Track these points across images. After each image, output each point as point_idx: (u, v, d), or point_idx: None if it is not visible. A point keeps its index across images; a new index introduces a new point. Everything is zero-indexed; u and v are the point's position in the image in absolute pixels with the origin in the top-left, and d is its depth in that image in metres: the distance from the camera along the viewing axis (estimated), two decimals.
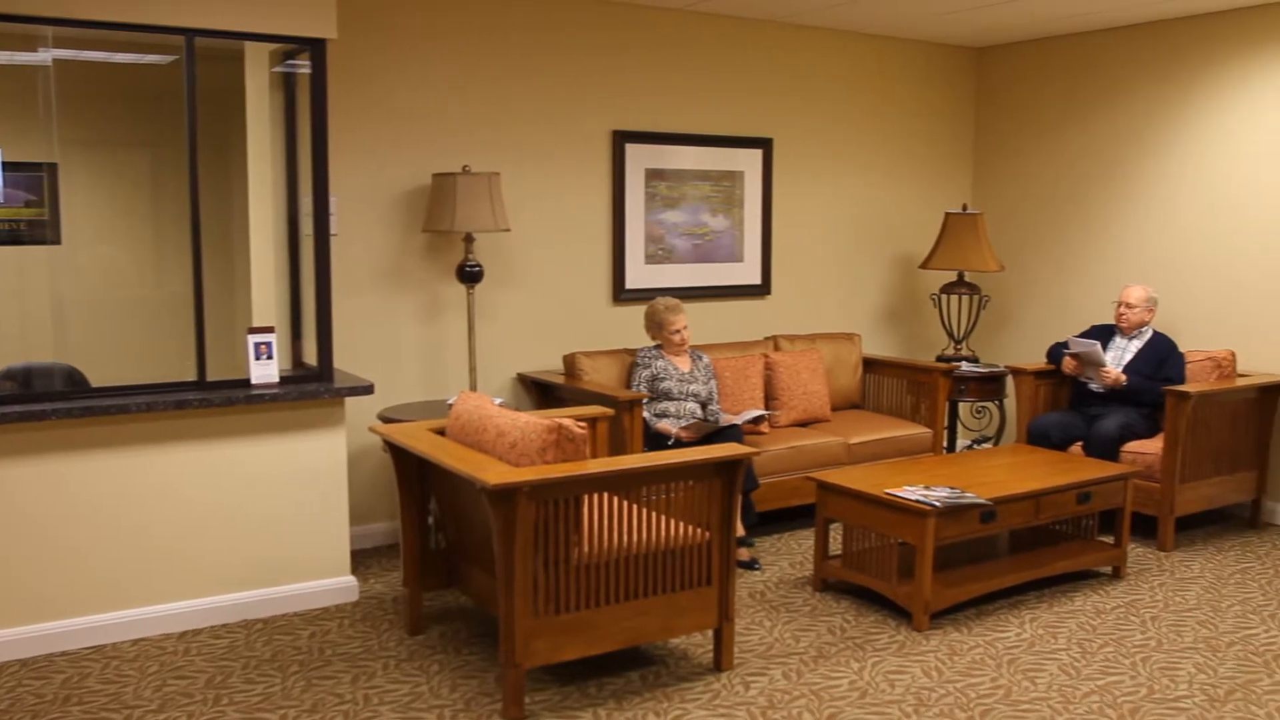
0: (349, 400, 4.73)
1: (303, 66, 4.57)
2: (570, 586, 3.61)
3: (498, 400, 4.62)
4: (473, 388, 5.40)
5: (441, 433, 4.18)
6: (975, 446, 6.89)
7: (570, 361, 5.66)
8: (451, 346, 5.57)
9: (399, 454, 4.20)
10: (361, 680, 3.91)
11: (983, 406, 7.03)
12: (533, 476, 3.44)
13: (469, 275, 5.32)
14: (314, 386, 4.52)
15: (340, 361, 5.03)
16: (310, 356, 4.75)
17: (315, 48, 4.45)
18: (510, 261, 5.70)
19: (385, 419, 4.97)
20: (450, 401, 4.69)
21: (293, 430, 4.52)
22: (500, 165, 5.56)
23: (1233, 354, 5.88)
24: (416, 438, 4.07)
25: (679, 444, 5.09)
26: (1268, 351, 5.97)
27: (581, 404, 5.04)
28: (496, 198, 5.22)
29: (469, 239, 5.30)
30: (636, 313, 5.90)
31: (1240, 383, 5.72)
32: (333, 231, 4.77)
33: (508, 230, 5.36)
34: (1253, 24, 5.93)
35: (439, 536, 4.43)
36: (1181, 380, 5.71)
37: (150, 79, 5.14)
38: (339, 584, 4.67)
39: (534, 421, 3.69)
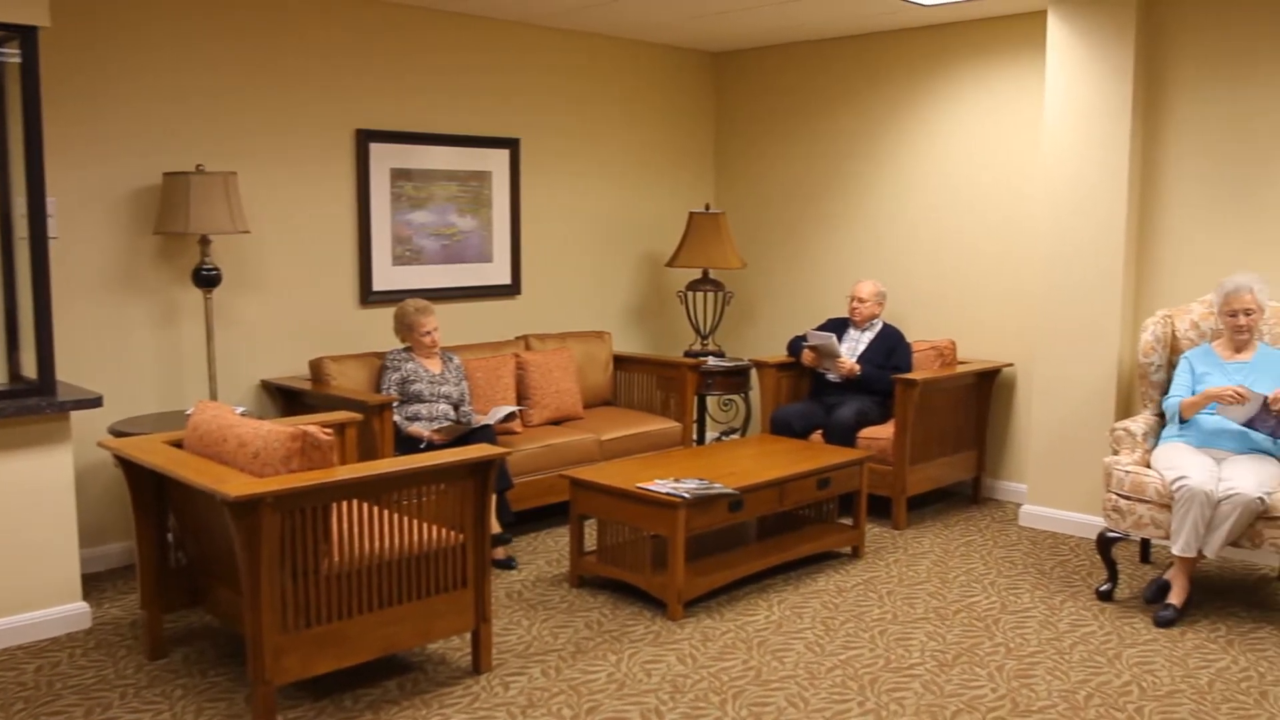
0: (75, 414, 4.42)
1: (12, 55, 4.24)
2: (321, 598, 3.51)
3: (239, 409, 4.44)
4: (212, 397, 5.17)
5: (179, 445, 3.98)
6: (723, 438, 7.12)
7: (317, 366, 5.50)
8: (188, 354, 5.30)
9: (132, 469, 3.96)
10: (96, 713, 3.67)
11: (729, 399, 7.27)
12: (277, 487, 3.32)
13: (205, 279, 5.09)
14: (34, 401, 4.21)
15: (65, 373, 4.68)
16: (30, 369, 4.42)
17: (26, 35, 4.13)
18: (250, 264, 5.49)
19: (116, 433, 4.69)
20: (188, 412, 4.46)
21: (11, 448, 4.19)
22: (237, 164, 5.34)
23: (953, 343, 6.32)
24: (151, 451, 3.86)
25: (431, 447, 5.03)
26: (984, 340, 6.44)
27: (329, 410, 4.90)
28: (234, 198, 5.02)
29: (205, 241, 5.07)
30: (385, 315, 5.79)
31: (961, 370, 6.14)
32: (52, 234, 4.45)
33: (247, 232, 5.16)
34: (967, 37, 6.39)
35: (179, 554, 4.22)
36: (909, 369, 6.09)
37: None
38: (69, 611, 4.37)
39: (277, 430, 3.56)
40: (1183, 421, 4.78)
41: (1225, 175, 5.34)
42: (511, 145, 6.50)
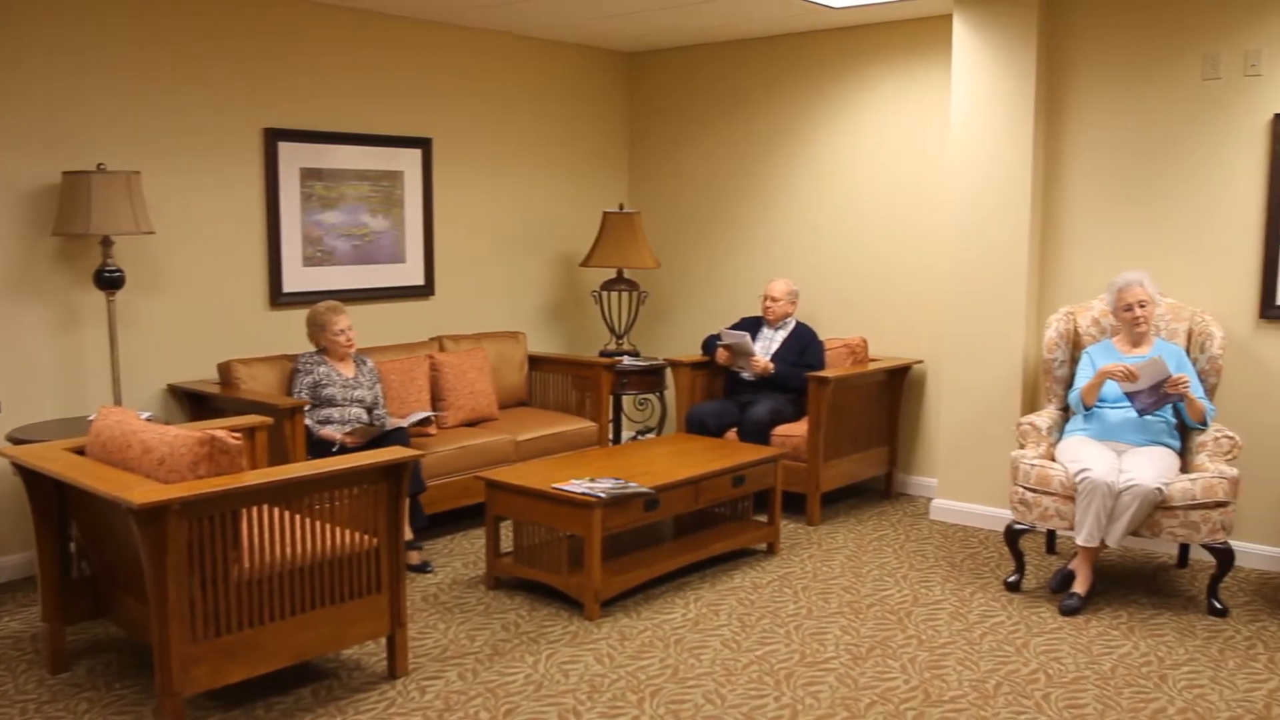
0: None
1: None
2: (231, 606, 3.44)
3: (145, 414, 4.34)
4: (117, 402, 5.04)
5: (81, 452, 3.88)
6: (639, 437, 7.14)
7: (226, 370, 5.40)
8: (91, 359, 5.17)
9: (31, 477, 3.85)
10: None
11: (644, 398, 7.29)
12: (184, 493, 3.26)
13: (108, 281, 4.96)
14: None
15: None
16: None
17: None
18: (156, 266, 5.36)
19: (15, 440, 4.55)
20: (90, 418, 4.35)
21: None
22: (141, 163, 5.21)
23: (865, 341, 6.41)
24: (51, 459, 3.75)
25: (344, 450, 4.97)
26: (895, 338, 6.54)
27: (239, 414, 4.81)
28: (137, 198, 4.90)
29: (107, 242, 4.95)
30: (296, 317, 5.70)
31: (872, 367, 6.24)
32: None
33: (151, 233, 5.04)
34: (877, 40, 6.48)
35: (82, 564, 4.11)
36: (822, 366, 6.16)
37: None
38: None
39: (184, 435, 3.49)
40: (1086, 408, 4.91)
41: (1123, 175, 5.50)
42: (424, 145, 6.44)
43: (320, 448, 5.07)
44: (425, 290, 6.55)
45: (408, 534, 5.01)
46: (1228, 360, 5.07)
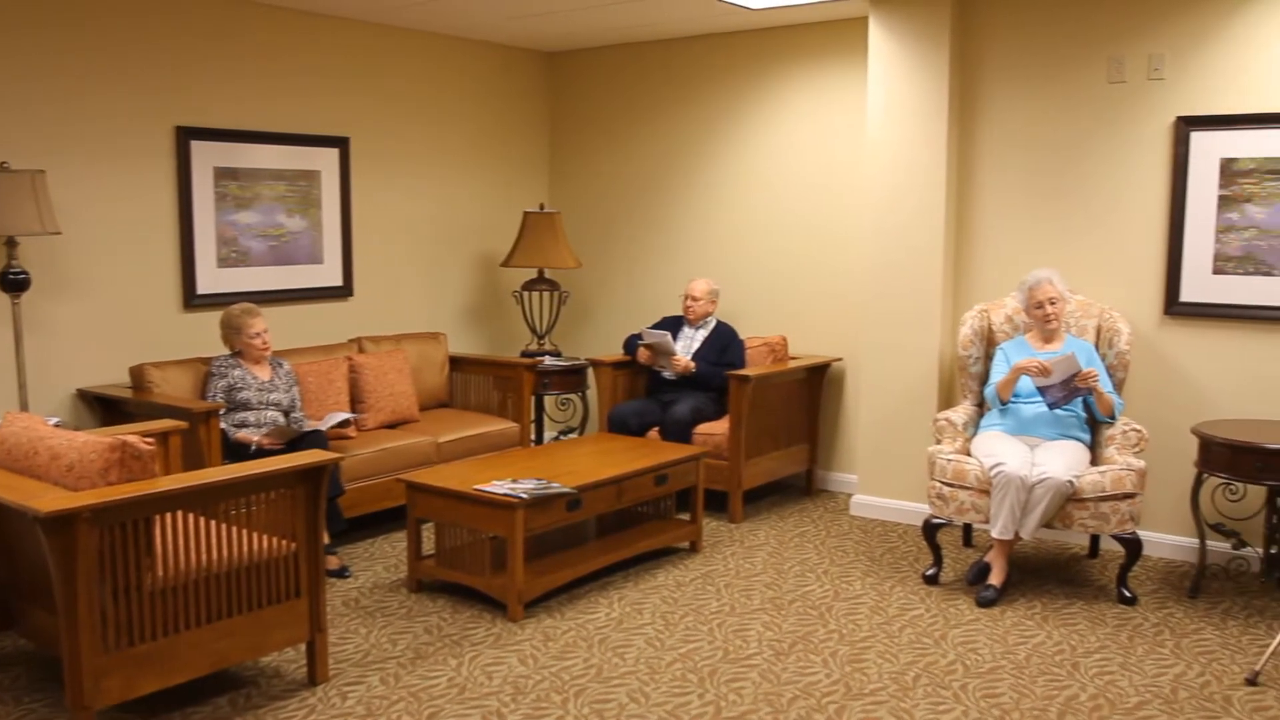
0: None
1: None
2: (145, 615, 3.37)
3: (53, 420, 4.23)
4: (23, 408, 4.90)
5: None
6: (561, 438, 7.13)
7: (138, 373, 5.28)
8: None
9: None
10: None
11: (567, 399, 7.28)
12: (93, 500, 3.18)
13: (12, 283, 4.83)
14: None
15: None
16: None
17: None
18: (63, 267, 5.23)
19: None
20: None
21: None
22: (46, 162, 5.07)
23: (785, 339, 6.47)
24: None
25: (261, 452, 4.89)
26: (814, 336, 6.61)
27: (152, 418, 4.70)
28: (42, 197, 4.78)
29: (11, 243, 4.81)
30: (211, 319, 5.59)
31: (792, 365, 6.30)
32: None
33: (58, 233, 4.91)
34: (795, 41, 6.55)
35: None
36: (742, 365, 6.21)
37: None
38: None
39: (93, 440, 3.41)
40: (1002, 403, 5.01)
41: (1034, 176, 5.61)
42: (341, 144, 6.36)
43: (237, 452, 4.99)
44: (344, 291, 6.47)
45: (326, 538, 4.95)
46: (1134, 355, 5.21)
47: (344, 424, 5.48)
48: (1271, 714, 3.69)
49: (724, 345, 6.28)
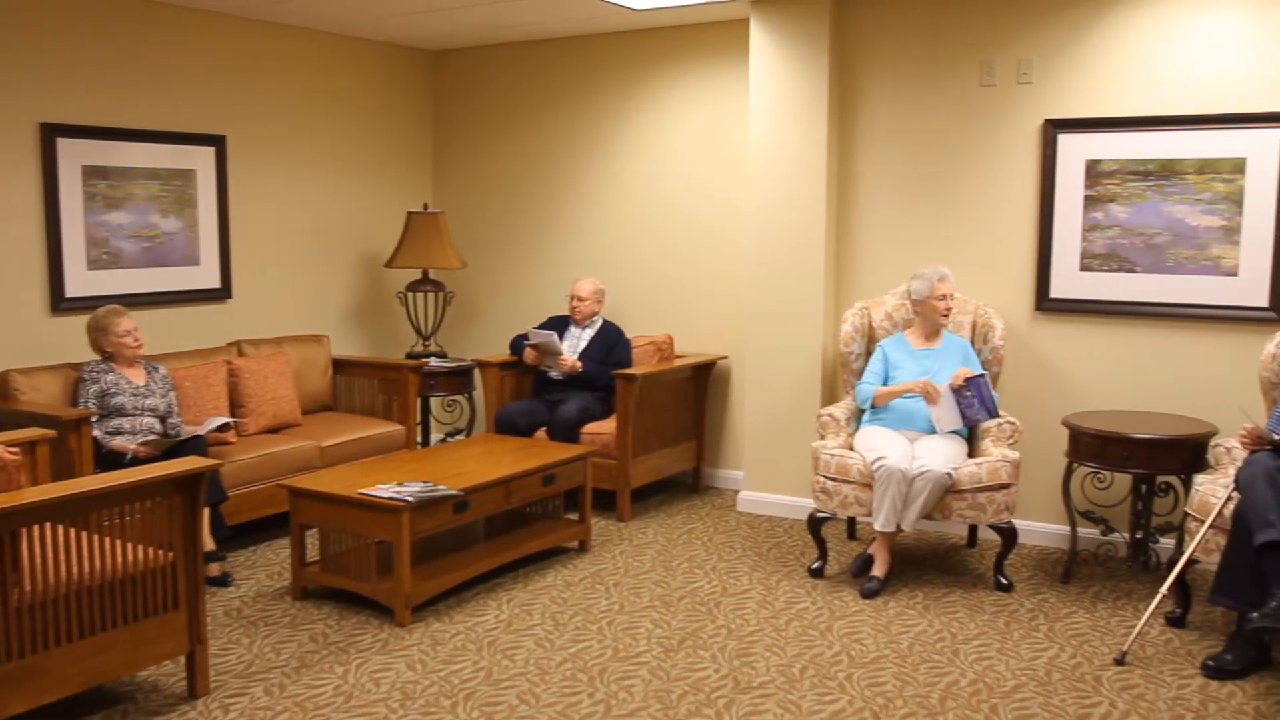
0: None
1: None
2: (11, 632, 3.24)
3: None
4: None
5: None
6: (448, 439, 7.06)
7: (2, 380, 5.07)
8: None
9: None
10: None
11: (453, 400, 7.22)
12: None
13: None
14: None
15: None
16: None
17: None
18: None
19: None
20: None
21: None
22: None
23: (671, 338, 6.52)
24: None
25: (137, 461, 4.74)
26: (699, 334, 6.67)
27: (18, 427, 4.52)
28: None
29: None
30: (80, 324, 5.37)
31: (678, 363, 6.34)
32: None
33: None
34: (679, 42, 6.59)
35: None
36: (629, 364, 6.23)
37: None
38: None
39: None
40: (872, 408, 5.12)
41: (911, 176, 5.75)
42: (218, 142, 6.20)
43: (112, 461, 4.83)
44: (222, 293, 6.31)
45: (209, 545, 4.83)
46: (1008, 351, 5.38)
47: (223, 428, 5.34)
48: (1138, 691, 3.84)
49: (610, 344, 6.30)
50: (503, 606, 4.69)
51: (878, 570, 4.87)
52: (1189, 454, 4.70)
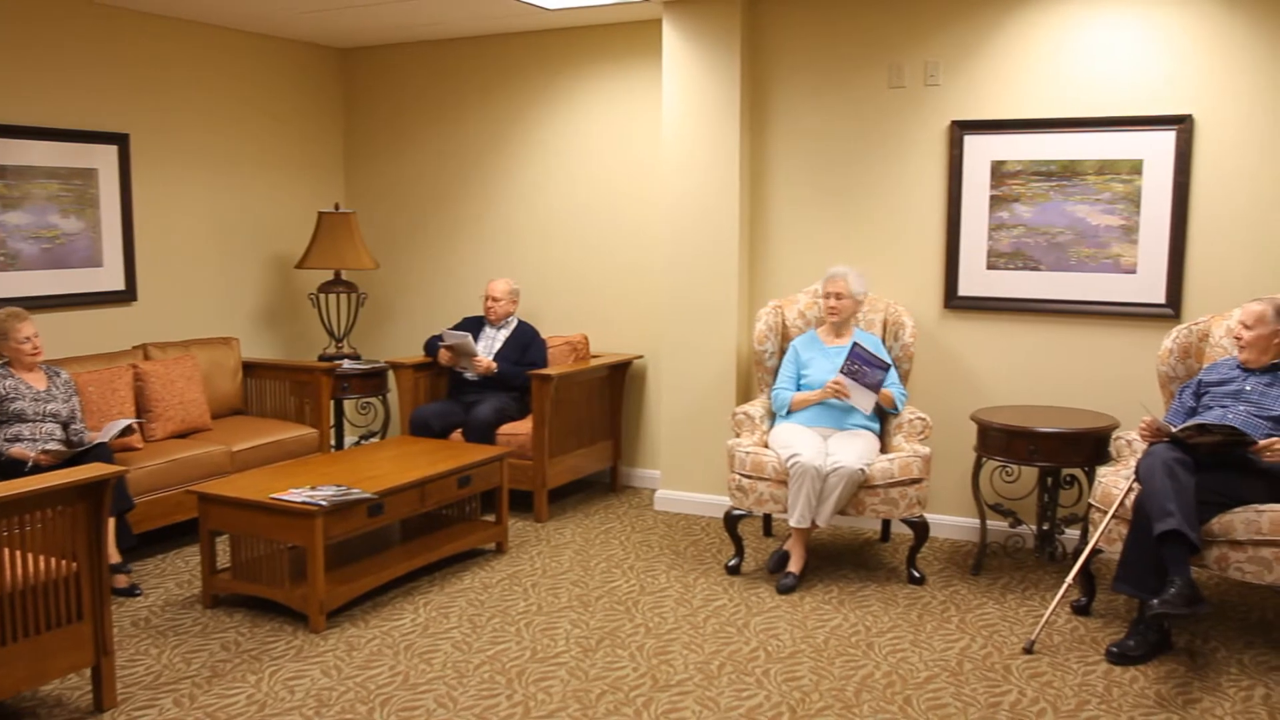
0: None
1: None
2: None
3: None
4: None
5: None
6: (362, 442, 6.98)
7: None
8: None
9: None
10: None
11: (367, 402, 7.14)
12: None
13: None
14: None
15: None
16: None
17: None
18: None
19: None
20: None
21: None
22: None
23: (586, 338, 6.52)
24: None
25: (38, 469, 4.60)
26: (615, 334, 6.68)
27: None
28: None
29: None
30: None
31: (594, 363, 6.34)
32: None
33: None
34: (594, 42, 6.59)
35: None
36: (544, 364, 6.22)
37: None
38: None
39: None
40: (788, 413, 5.18)
41: (822, 176, 5.82)
42: (120, 141, 6.05)
43: (11, 469, 4.68)
44: (126, 295, 6.16)
45: (114, 556, 4.71)
46: (918, 347, 5.47)
47: (126, 431, 5.20)
48: (1046, 679, 3.94)
49: (525, 345, 6.28)
50: (419, 610, 4.64)
51: (793, 566, 4.93)
52: (1092, 447, 4.83)
